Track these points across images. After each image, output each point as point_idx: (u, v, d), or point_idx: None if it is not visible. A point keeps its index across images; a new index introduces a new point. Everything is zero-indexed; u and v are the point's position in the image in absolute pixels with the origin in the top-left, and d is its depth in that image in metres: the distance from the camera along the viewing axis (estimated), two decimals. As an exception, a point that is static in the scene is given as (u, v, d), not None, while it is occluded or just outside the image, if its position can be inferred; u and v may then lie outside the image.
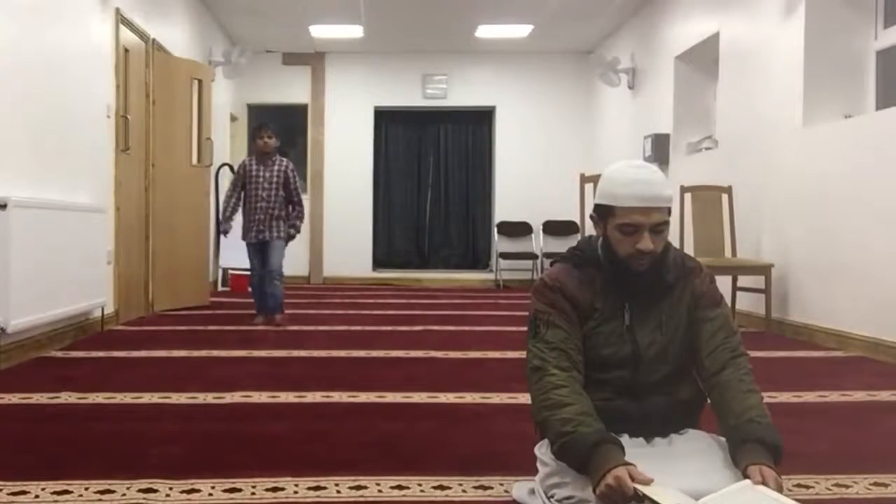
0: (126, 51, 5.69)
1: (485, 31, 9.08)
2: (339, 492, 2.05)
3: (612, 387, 1.81)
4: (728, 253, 5.64)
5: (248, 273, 6.03)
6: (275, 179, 5.43)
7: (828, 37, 5.07)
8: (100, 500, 1.99)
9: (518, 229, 10.08)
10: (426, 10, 8.32)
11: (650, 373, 1.81)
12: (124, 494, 2.02)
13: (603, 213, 1.80)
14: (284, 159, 5.58)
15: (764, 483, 1.54)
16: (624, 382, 1.81)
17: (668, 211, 1.78)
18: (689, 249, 5.54)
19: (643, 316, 1.82)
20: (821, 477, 2.18)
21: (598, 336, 1.82)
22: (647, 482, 1.51)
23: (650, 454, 1.71)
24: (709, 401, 1.84)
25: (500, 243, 10.03)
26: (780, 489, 1.55)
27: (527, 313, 1.91)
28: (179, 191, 6.41)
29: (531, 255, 9.81)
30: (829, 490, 2.11)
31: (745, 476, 1.58)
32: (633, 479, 1.51)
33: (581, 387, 1.75)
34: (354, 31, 9.00)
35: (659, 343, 1.82)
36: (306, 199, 10.34)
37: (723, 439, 1.76)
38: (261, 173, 5.44)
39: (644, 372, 1.81)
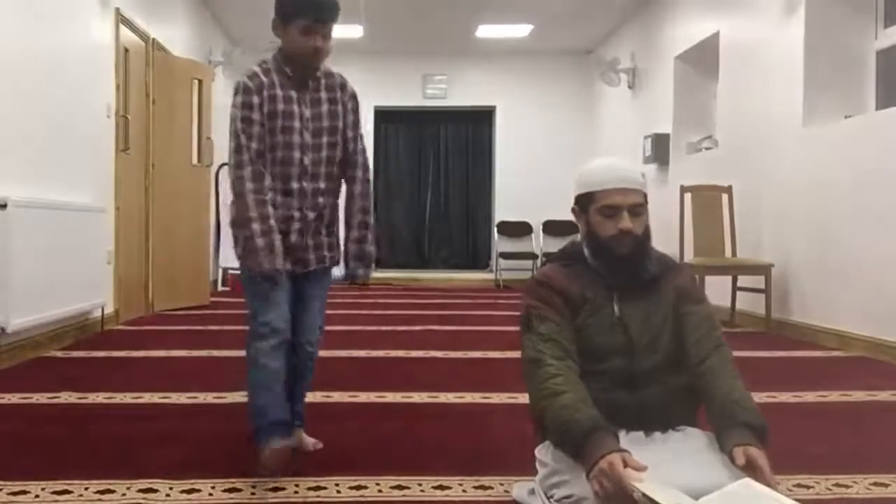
0: (126, 51, 5.69)
1: (485, 31, 9.08)
2: (339, 492, 2.05)
3: (609, 377, 1.83)
4: (728, 253, 5.63)
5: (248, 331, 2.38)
6: (326, 123, 2.34)
7: (828, 37, 5.07)
8: (100, 500, 1.99)
9: (518, 229, 10.08)
10: (426, 10, 8.31)
11: (644, 360, 1.84)
12: (124, 494, 2.02)
13: (583, 201, 1.90)
14: (338, 74, 2.46)
15: (750, 462, 1.56)
16: (620, 371, 1.83)
17: (644, 197, 1.88)
18: (689, 249, 5.55)
19: (632, 307, 1.87)
20: (821, 477, 2.18)
21: (591, 326, 1.85)
22: (641, 468, 1.52)
23: (648, 450, 1.71)
24: (696, 388, 1.85)
25: (500, 243, 10.03)
26: (766, 467, 1.56)
27: (527, 313, 1.92)
28: (179, 191, 6.41)
29: (531, 255, 9.80)
30: (829, 490, 2.11)
31: (731, 458, 1.60)
32: (626, 465, 1.52)
33: (576, 375, 1.78)
34: (354, 31, 9.00)
35: (649, 333, 1.86)
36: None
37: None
38: (294, 108, 2.28)
39: (639, 360, 1.84)
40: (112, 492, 2.03)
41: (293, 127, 2.26)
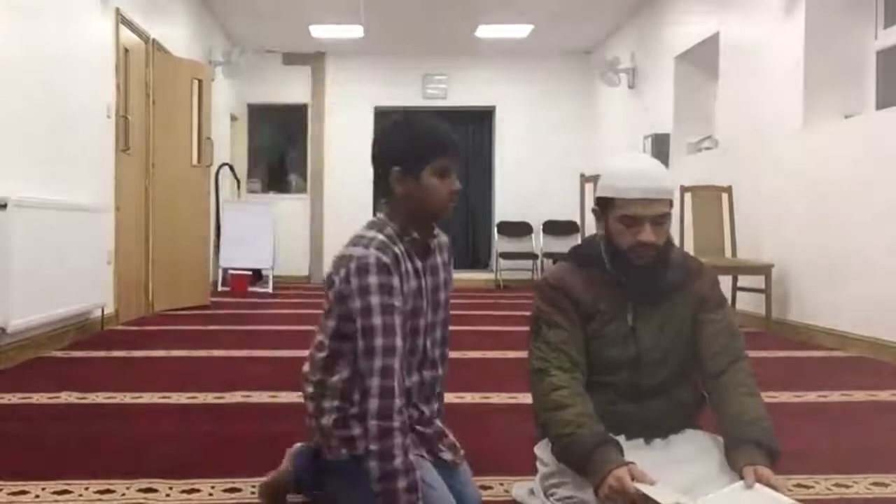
0: (126, 51, 5.69)
1: (485, 31, 9.07)
2: (339, 492, 2.05)
3: (614, 389, 1.80)
4: (728, 253, 5.63)
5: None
6: (443, 295, 1.87)
7: (828, 37, 5.07)
8: (100, 500, 1.99)
9: (518, 229, 10.08)
10: (426, 10, 8.31)
11: (651, 375, 1.80)
12: (124, 494, 2.02)
13: (604, 205, 1.79)
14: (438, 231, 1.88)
15: (762, 481, 1.54)
16: (626, 385, 1.80)
17: (670, 203, 1.77)
18: (688, 249, 5.54)
19: (646, 317, 1.81)
20: (821, 477, 2.18)
21: (602, 338, 1.80)
22: (648, 480, 1.51)
23: (648, 456, 1.70)
24: (709, 403, 1.83)
25: (500, 243, 10.02)
26: (781, 487, 1.54)
27: (527, 313, 1.90)
28: (179, 191, 6.41)
29: (531, 255, 9.80)
30: (829, 490, 2.11)
31: (741, 477, 1.58)
32: (633, 478, 1.51)
33: (582, 388, 1.74)
34: (354, 31, 9.00)
35: (661, 345, 1.81)
36: (306, 200, 10.51)
37: (721, 438, 1.76)
38: (421, 282, 1.78)
39: (646, 374, 1.80)
40: (112, 492, 2.03)
41: (421, 308, 1.77)
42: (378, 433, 1.58)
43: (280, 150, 10.90)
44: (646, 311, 1.81)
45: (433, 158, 1.73)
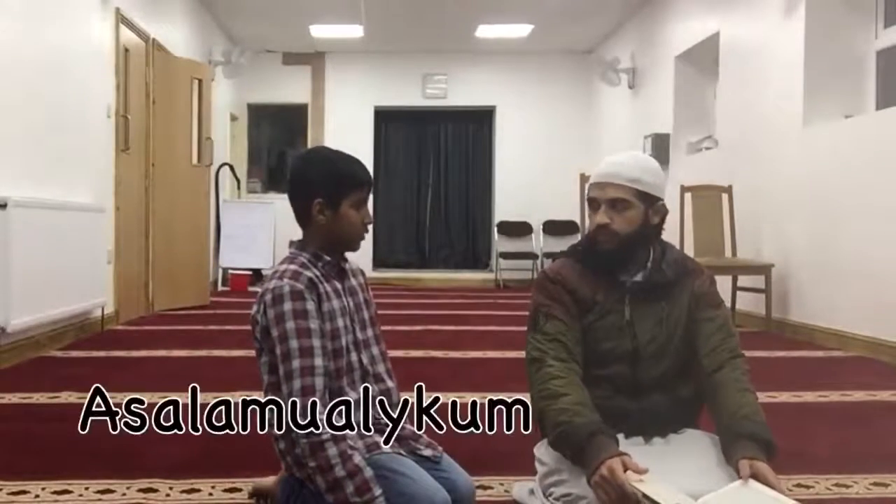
0: (126, 51, 5.69)
1: (485, 31, 9.08)
2: (339, 492, 2.05)
3: (612, 383, 1.81)
4: (728, 253, 5.64)
5: None
6: (366, 314, 1.94)
7: (828, 37, 5.07)
8: (100, 500, 1.99)
9: (518, 229, 10.08)
10: (426, 10, 8.32)
11: (650, 369, 1.81)
12: (124, 494, 2.02)
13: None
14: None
15: (758, 475, 1.54)
16: (623, 378, 1.81)
17: (635, 192, 1.78)
18: (689, 249, 5.54)
19: (643, 312, 1.82)
20: (821, 477, 2.18)
21: (598, 330, 1.81)
22: (641, 472, 1.51)
23: (648, 454, 1.70)
24: (705, 400, 1.83)
25: (500, 243, 10.03)
26: (776, 482, 1.54)
27: (527, 312, 1.91)
28: (179, 191, 6.41)
29: (531, 255, 9.80)
30: (829, 490, 2.11)
31: (736, 470, 1.58)
32: (626, 469, 1.52)
33: (579, 378, 1.75)
34: (354, 31, 9.01)
35: (659, 340, 1.82)
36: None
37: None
38: (339, 303, 1.84)
39: (644, 368, 1.81)
40: (112, 492, 2.04)
41: (347, 326, 1.83)
42: (310, 450, 1.65)
43: (280, 150, 10.90)
44: (643, 306, 1.82)
45: (352, 191, 1.83)
